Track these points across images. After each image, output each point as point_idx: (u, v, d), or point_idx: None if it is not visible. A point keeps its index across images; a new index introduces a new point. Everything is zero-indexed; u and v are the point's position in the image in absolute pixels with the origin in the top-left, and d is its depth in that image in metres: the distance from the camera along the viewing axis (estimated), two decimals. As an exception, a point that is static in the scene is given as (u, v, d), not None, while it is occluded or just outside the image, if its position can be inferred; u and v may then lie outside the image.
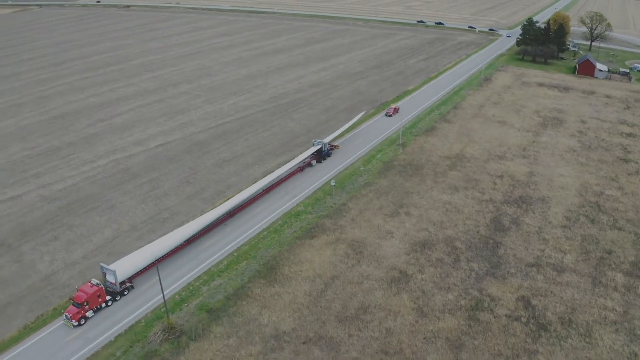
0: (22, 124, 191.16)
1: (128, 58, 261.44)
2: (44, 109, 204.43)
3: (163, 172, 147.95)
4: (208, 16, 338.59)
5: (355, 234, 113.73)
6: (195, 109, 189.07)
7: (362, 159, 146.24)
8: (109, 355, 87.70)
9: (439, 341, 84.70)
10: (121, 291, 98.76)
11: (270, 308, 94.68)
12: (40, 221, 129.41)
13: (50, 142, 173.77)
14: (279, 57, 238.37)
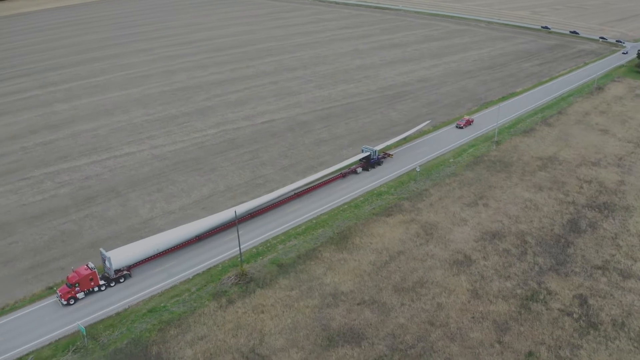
0: (147, 93, 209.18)
1: (251, 42, 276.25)
2: (169, 81, 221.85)
3: (264, 145, 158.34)
4: (333, 9, 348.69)
5: (430, 217, 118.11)
6: (305, 93, 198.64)
7: (453, 152, 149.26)
8: (185, 289, 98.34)
9: (485, 322, 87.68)
10: (116, 278, 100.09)
11: (335, 270, 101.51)
12: (148, 175, 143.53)
13: (169, 111, 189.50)
14: (394, 51, 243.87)
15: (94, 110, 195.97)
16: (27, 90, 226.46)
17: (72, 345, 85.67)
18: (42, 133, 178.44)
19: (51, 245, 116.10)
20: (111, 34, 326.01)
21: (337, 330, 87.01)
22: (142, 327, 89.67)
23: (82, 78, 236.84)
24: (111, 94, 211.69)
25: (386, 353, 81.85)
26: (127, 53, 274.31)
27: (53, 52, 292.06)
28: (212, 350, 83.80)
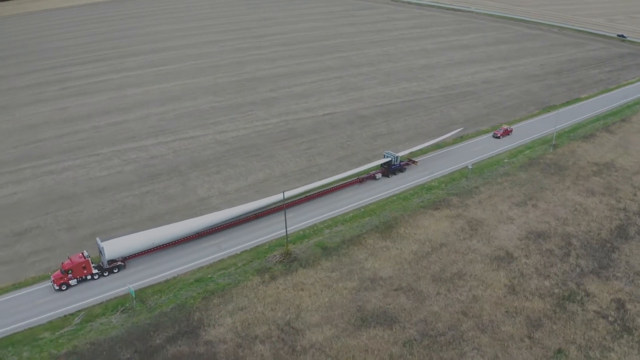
0: (216, 82, 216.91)
1: (321, 38, 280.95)
2: (238, 72, 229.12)
3: (323, 136, 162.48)
4: (406, 9, 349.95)
5: (476, 214, 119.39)
6: (368, 88, 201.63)
7: (509, 152, 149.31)
8: (231, 264, 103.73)
9: (518, 317, 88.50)
10: (109, 268, 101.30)
11: (376, 257, 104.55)
12: (209, 158, 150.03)
13: (235, 100, 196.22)
14: (462, 52, 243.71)
15: (163, 95, 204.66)
16: (103, 74, 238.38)
17: (121, 306, 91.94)
18: (113, 114, 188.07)
19: (112, 216, 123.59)
20: (187, 25, 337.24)
21: (371, 312, 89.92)
22: (187, 294, 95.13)
23: (155, 65, 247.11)
24: (181, 81, 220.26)
25: (416, 337, 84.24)
26: (200, 44, 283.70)
27: (130, 39, 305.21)
28: (250, 321, 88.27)
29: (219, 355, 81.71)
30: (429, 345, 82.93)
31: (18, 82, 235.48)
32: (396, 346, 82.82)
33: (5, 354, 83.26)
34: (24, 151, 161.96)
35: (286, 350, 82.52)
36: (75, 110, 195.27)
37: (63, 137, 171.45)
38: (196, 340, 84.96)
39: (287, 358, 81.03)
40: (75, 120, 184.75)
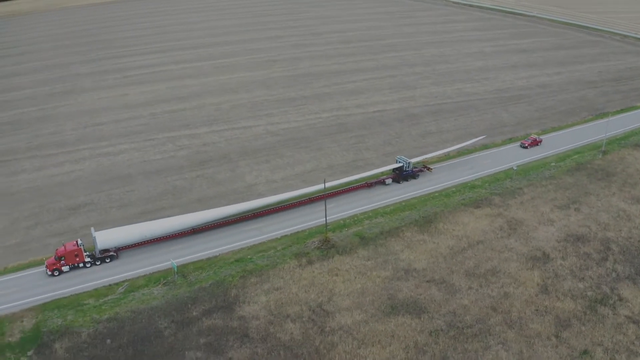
0: (271, 76, 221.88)
1: (379, 37, 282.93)
2: (293, 67, 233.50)
3: (371, 132, 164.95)
4: (466, 11, 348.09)
5: (517, 214, 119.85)
6: (420, 88, 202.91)
7: (556, 156, 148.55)
8: (271, 247, 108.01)
9: (548, 316, 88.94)
10: (102, 257, 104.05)
11: (413, 249, 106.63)
12: (259, 147, 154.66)
13: (289, 94, 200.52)
14: (519, 56, 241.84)
15: (220, 87, 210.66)
16: (163, 64, 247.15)
17: (163, 279, 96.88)
18: (171, 102, 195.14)
19: (162, 197, 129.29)
20: (247, 20, 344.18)
21: (401, 300, 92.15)
22: (227, 272, 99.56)
23: (213, 58, 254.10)
24: (238, 74, 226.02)
25: (443, 328, 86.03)
26: (258, 39, 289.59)
27: (191, 32, 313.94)
28: (283, 300, 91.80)
29: (251, 330, 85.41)
30: (455, 336, 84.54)
31: (82, 69, 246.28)
32: (422, 334, 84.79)
33: (51, 316, 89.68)
34: (84, 133, 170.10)
35: (315, 330, 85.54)
36: (135, 97, 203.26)
37: (122, 122, 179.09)
38: (231, 314, 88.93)
39: (315, 337, 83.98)
40: (134, 107, 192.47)
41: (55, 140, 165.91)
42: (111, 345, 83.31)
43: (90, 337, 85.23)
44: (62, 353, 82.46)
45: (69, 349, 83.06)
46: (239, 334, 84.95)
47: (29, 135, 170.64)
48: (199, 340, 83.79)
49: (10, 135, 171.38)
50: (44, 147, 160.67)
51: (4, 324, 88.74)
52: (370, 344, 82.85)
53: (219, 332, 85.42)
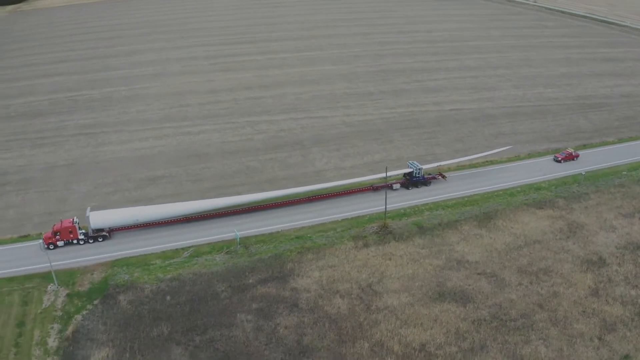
0: (353, 71, 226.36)
1: (464, 39, 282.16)
2: (376, 63, 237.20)
3: (445, 128, 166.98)
4: (557, 17, 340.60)
5: (579, 218, 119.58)
6: (500, 90, 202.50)
7: (629, 165, 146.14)
8: (331, 228, 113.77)
9: (594, 318, 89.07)
10: (95, 236, 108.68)
11: (468, 242, 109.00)
12: (332, 137, 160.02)
13: (368, 88, 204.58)
14: (606, 65, 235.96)
15: (302, 78, 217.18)
16: (249, 54, 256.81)
17: (226, 248, 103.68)
18: (253, 90, 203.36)
19: (235, 175, 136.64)
20: (335, 16, 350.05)
21: (449, 289, 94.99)
22: (286, 247, 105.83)
23: (299, 51, 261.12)
24: (321, 67, 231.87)
25: (486, 318, 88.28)
26: (345, 35, 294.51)
27: (280, 26, 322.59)
28: (335, 277, 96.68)
29: (301, 301, 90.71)
30: (497, 327, 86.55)
31: (173, 54, 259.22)
32: (465, 322, 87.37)
33: (119, 272, 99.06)
34: (169, 113, 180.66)
35: (361, 307, 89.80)
36: (220, 83, 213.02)
37: (205, 105, 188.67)
38: (284, 285, 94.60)
39: (361, 314, 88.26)
40: (218, 92, 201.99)
41: (141, 118, 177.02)
42: (170, 302, 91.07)
43: (152, 292, 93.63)
44: (125, 304, 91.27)
45: (131, 302, 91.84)
46: (289, 303, 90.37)
47: (118, 111, 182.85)
48: (251, 305, 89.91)
49: (101, 110, 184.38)
50: (130, 123, 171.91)
51: (75, 275, 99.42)
52: (412, 325, 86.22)
53: (271, 299, 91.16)
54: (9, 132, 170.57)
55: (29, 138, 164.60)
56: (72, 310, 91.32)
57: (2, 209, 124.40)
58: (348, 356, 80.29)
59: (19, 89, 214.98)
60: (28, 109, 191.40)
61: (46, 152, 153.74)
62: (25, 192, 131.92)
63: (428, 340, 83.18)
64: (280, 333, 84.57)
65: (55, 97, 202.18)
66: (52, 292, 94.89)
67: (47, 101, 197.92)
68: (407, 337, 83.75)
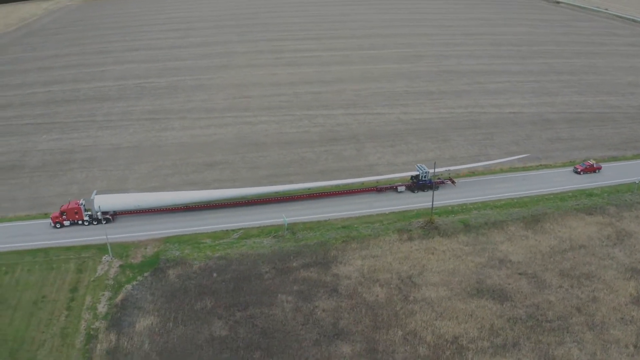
0: (415, 70, 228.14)
1: (530, 43, 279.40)
2: (438, 63, 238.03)
3: (502, 130, 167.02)
4: (628, 26, 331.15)
5: (629, 226, 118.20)
6: (562, 95, 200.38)
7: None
8: (378, 220, 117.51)
9: (632, 326, 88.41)
10: (98, 218, 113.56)
11: (513, 242, 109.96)
12: (388, 133, 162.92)
13: (428, 88, 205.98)
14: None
15: (363, 75, 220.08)
16: (313, 50, 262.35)
17: (274, 232, 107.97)
18: (314, 85, 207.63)
19: (290, 164, 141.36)
20: (401, 16, 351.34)
21: (488, 286, 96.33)
22: (332, 235, 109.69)
23: (362, 49, 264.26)
24: (383, 65, 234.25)
25: (522, 317, 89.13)
26: (410, 34, 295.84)
27: (346, 24, 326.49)
28: (377, 267, 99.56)
29: (340, 287, 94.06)
30: (533, 326, 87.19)
31: (239, 47, 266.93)
32: (500, 319, 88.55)
33: (171, 248, 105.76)
34: (232, 103, 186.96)
35: (399, 297, 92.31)
36: (283, 77, 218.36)
37: (267, 97, 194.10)
38: (326, 271, 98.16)
39: (398, 303, 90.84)
40: (280, 85, 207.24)
41: (205, 107, 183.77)
42: (216, 279, 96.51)
43: (200, 269, 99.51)
44: (173, 278, 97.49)
45: (179, 276, 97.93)
46: (329, 288, 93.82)
47: (182, 100, 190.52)
48: (292, 287, 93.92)
49: (167, 98, 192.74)
50: (194, 111, 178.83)
51: (130, 248, 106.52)
52: (448, 318, 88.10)
53: (312, 283, 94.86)
54: (78, 114, 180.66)
55: (96, 120, 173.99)
56: (123, 280, 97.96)
57: (67, 185, 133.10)
58: (381, 342, 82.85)
59: (90, 74, 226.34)
60: (98, 93, 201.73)
61: (112, 134, 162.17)
62: (89, 170, 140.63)
63: (461, 334, 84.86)
64: (318, 315, 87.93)
65: (124, 83, 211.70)
66: (106, 262, 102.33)
67: (116, 87, 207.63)
68: (440, 329, 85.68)
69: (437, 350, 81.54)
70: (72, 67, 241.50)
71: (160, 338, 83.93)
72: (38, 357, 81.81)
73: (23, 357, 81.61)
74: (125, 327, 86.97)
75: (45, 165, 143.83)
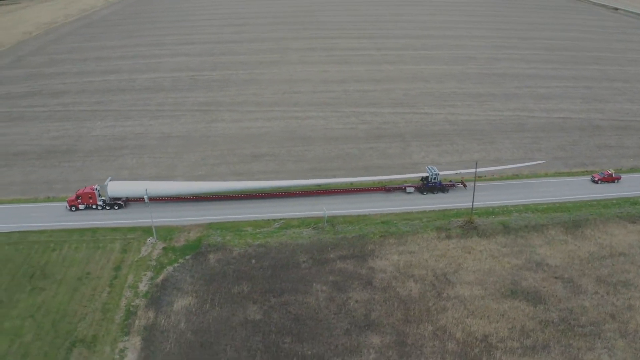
0: (466, 72, 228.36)
1: (584, 49, 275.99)
2: (489, 66, 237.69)
3: (549, 135, 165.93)
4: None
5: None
6: (613, 102, 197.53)
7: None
8: (419, 217, 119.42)
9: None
10: (111, 204, 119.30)
11: (551, 246, 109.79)
12: (434, 132, 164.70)
13: (478, 90, 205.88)
14: None
15: (413, 75, 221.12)
16: (366, 49, 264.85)
17: (314, 224, 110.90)
18: (364, 83, 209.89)
19: (334, 159, 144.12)
20: (455, 18, 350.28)
21: (523, 288, 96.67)
22: (370, 230, 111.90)
23: (414, 49, 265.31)
24: (433, 66, 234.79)
25: (554, 320, 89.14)
26: (462, 36, 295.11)
27: (400, 24, 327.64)
28: (412, 262, 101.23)
29: (375, 280, 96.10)
30: (564, 330, 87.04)
31: (292, 44, 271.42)
32: (532, 321, 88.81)
33: (213, 234, 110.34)
34: (281, 98, 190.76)
35: (432, 293, 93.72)
36: (333, 74, 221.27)
37: (316, 93, 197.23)
38: (362, 264, 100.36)
39: (430, 299, 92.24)
40: (330, 82, 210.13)
41: (255, 100, 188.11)
42: (254, 265, 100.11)
43: (239, 255, 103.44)
44: (213, 262, 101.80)
45: (219, 260, 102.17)
46: (364, 281, 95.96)
47: (234, 93, 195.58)
48: (328, 277, 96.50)
49: (218, 90, 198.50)
50: (244, 104, 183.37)
51: (174, 232, 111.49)
52: (479, 316, 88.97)
53: (347, 275, 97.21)
54: (132, 103, 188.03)
55: (149, 110, 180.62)
56: (165, 261, 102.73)
57: (118, 169, 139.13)
58: (410, 335, 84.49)
59: (146, 65, 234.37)
60: (152, 84, 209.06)
61: (163, 123, 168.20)
62: (139, 156, 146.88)
63: (491, 333, 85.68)
64: (351, 306, 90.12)
65: (178, 75, 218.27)
66: (150, 244, 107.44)
67: (170, 78, 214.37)
68: (471, 327, 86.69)
69: (466, 347, 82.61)
70: (129, 58, 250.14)
71: (196, 318, 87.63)
72: (78, 328, 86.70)
73: (64, 328, 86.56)
74: (163, 305, 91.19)
75: (98, 150, 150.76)
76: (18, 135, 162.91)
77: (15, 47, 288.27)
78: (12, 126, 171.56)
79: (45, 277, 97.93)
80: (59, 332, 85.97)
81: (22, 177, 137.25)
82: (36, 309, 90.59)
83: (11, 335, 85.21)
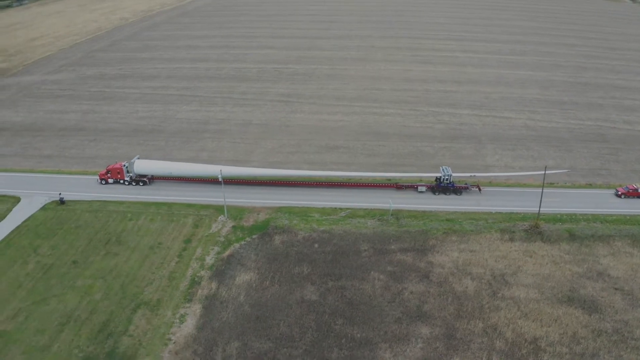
0: (551, 79, 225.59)
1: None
2: (576, 74, 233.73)
3: (629, 147, 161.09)
4: None
5: None
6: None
7: None
8: (482, 218, 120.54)
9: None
10: (137, 180, 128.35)
11: (616, 258, 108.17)
12: (510, 137, 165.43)
13: (560, 97, 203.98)
14: None
15: (496, 79, 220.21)
16: (451, 51, 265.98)
17: (379, 216, 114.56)
18: (446, 84, 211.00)
19: (406, 156, 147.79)
20: (545, 25, 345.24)
21: (581, 296, 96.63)
22: (434, 226, 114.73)
23: (501, 53, 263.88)
24: (518, 71, 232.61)
25: (608, 331, 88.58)
26: (551, 43, 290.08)
27: (489, 28, 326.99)
28: (471, 260, 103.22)
29: (432, 274, 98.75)
30: (616, 341, 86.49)
31: (378, 42, 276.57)
32: (585, 329, 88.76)
33: (281, 217, 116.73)
34: (362, 94, 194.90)
35: (488, 292, 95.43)
36: (416, 74, 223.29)
37: (397, 91, 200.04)
38: (421, 257, 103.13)
39: (484, 297, 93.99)
40: (412, 81, 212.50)
41: (335, 95, 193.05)
42: (317, 249, 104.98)
43: (304, 239, 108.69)
44: (278, 243, 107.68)
45: (284, 242, 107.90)
46: (421, 274, 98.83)
47: (316, 86, 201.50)
48: (386, 267, 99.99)
49: (301, 83, 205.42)
50: (324, 98, 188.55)
51: (244, 212, 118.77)
52: (532, 319, 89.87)
53: (405, 266, 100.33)
54: (217, 90, 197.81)
55: (233, 98, 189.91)
56: (233, 239, 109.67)
57: (198, 151, 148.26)
58: (460, 330, 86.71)
59: (234, 56, 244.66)
60: (238, 73, 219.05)
61: (245, 111, 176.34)
62: (219, 140, 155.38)
63: (542, 336, 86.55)
64: (405, 296, 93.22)
65: (264, 67, 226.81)
66: (220, 222, 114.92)
67: (255, 69, 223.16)
68: (522, 328, 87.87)
69: (514, 347, 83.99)
70: (218, 47, 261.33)
71: (255, 293, 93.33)
72: (144, 292, 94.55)
73: (132, 291, 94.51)
74: (226, 278, 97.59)
75: (181, 132, 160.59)
76: (108, 114, 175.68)
77: (112, 32, 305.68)
78: (104, 105, 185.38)
79: (119, 244, 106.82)
80: (126, 293, 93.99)
81: (108, 152, 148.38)
82: (108, 272, 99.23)
83: (82, 292, 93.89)
